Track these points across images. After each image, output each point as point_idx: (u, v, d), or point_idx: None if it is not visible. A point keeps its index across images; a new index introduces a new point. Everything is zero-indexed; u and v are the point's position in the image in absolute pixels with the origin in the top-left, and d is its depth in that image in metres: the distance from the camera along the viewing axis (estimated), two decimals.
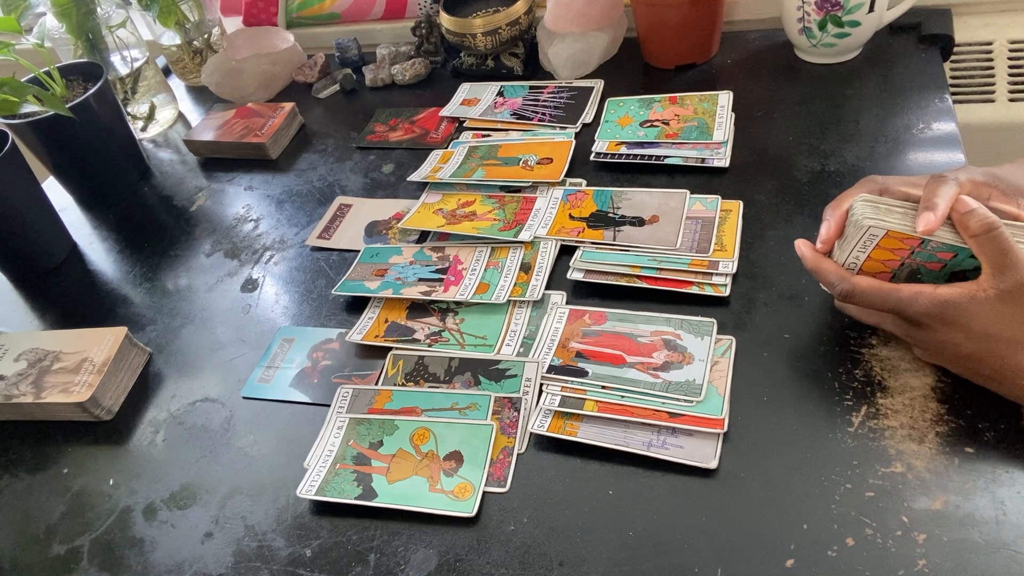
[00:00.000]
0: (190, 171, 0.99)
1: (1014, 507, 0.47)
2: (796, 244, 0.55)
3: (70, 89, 0.92)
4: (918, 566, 0.45)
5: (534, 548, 0.51)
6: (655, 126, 0.81)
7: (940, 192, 0.48)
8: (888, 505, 0.48)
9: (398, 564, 0.52)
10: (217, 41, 1.13)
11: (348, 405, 0.63)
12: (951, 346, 0.49)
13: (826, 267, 0.53)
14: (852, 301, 0.52)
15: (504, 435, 0.58)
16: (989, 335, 0.47)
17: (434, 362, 0.64)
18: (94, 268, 0.87)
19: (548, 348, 0.62)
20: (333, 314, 0.73)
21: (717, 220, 0.69)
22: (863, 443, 0.52)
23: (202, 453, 0.64)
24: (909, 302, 0.49)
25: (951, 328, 0.48)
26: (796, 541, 0.48)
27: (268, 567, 0.54)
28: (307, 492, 0.57)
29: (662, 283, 0.65)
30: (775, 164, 0.75)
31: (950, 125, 0.73)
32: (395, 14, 1.09)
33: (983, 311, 0.46)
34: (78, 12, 0.95)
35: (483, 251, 0.73)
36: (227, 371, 0.70)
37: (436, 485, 0.55)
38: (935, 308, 0.48)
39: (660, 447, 0.54)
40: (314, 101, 1.05)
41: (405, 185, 0.86)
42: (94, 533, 0.60)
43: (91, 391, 0.66)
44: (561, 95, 0.91)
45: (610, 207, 0.73)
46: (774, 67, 0.87)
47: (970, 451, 0.50)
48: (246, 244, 0.84)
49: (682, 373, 0.58)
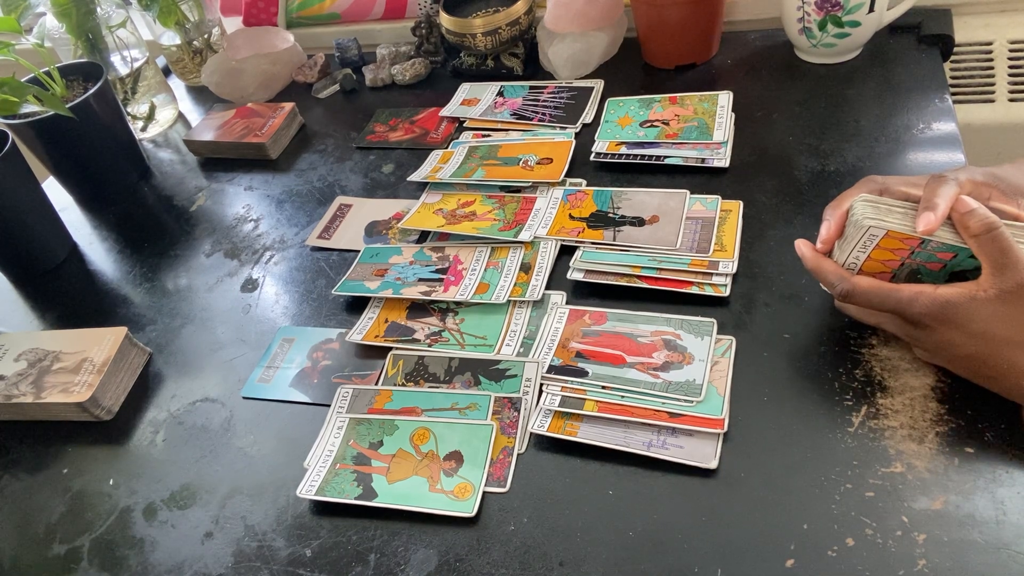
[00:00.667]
0: (190, 171, 0.99)
1: (1014, 507, 0.47)
2: (796, 244, 0.55)
3: (70, 89, 0.92)
4: (918, 566, 0.45)
5: (534, 548, 0.51)
6: (655, 126, 0.81)
7: (940, 192, 0.48)
8: (888, 505, 0.48)
9: (398, 564, 0.52)
10: (217, 41, 1.13)
11: (348, 405, 0.63)
12: (951, 346, 0.49)
13: (826, 267, 0.53)
14: (852, 301, 0.52)
15: (504, 435, 0.58)
16: (989, 335, 0.47)
17: (434, 362, 0.64)
18: (94, 268, 0.87)
19: (548, 348, 0.62)
20: (333, 314, 0.73)
21: (717, 220, 0.69)
22: (863, 443, 0.52)
23: (202, 453, 0.64)
24: (909, 302, 0.49)
25: (951, 328, 0.48)
26: (796, 541, 0.48)
27: (268, 567, 0.54)
28: (307, 492, 0.57)
29: (662, 283, 0.65)
30: (775, 164, 0.75)
31: (950, 125, 0.73)
32: (395, 14, 1.09)
33: (983, 311, 0.46)
34: (78, 12, 0.95)
35: (483, 251, 0.73)
36: (227, 371, 0.70)
37: (436, 485, 0.55)
38: (935, 308, 0.48)
39: (660, 447, 0.54)
40: (314, 101, 1.05)
41: (405, 185, 0.86)
42: (94, 533, 0.60)
43: (91, 391, 0.66)
44: (561, 95, 0.91)
45: (610, 207, 0.73)
46: (774, 67, 0.87)
47: (970, 451, 0.50)
48: (246, 244, 0.84)
49: (682, 373, 0.58)
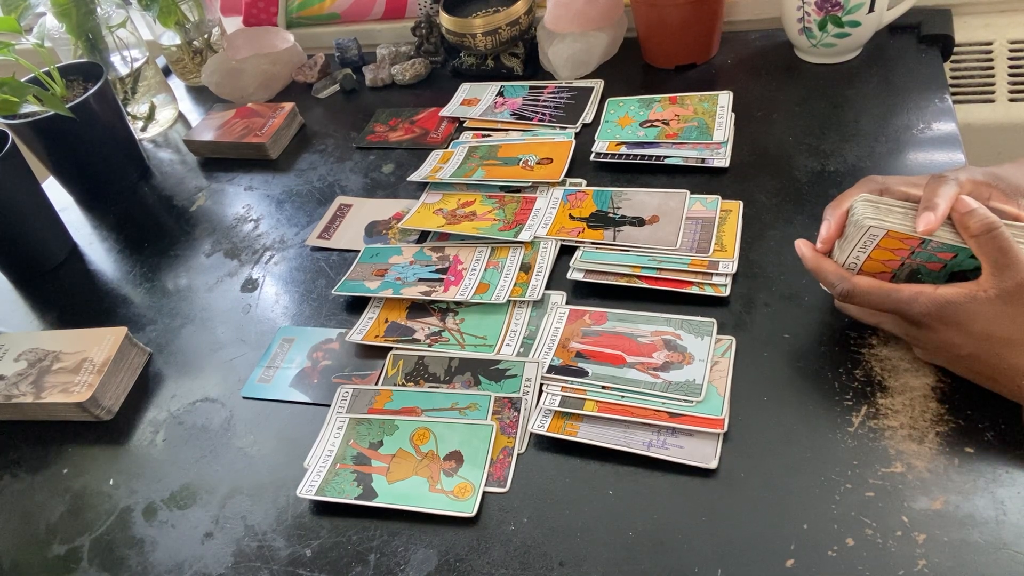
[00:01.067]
0: (190, 171, 0.99)
1: (1014, 507, 0.47)
2: (796, 244, 0.55)
3: (70, 89, 0.92)
4: (918, 566, 0.45)
5: (534, 548, 0.51)
6: (655, 126, 0.81)
7: (940, 192, 0.48)
8: (888, 505, 0.48)
9: (398, 564, 0.52)
10: (217, 41, 1.13)
11: (348, 405, 0.63)
12: (951, 346, 0.50)
13: (826, 267, 0.53)
14: (852, 301, 0.52)
15: (504, 435, 0.58)
16: (989, 335, 0.47)
17: (434, 362, 0.64)
18: (94, 268, 0.87)
19: (548, 348, 0.62)
20: (333, 314, 0.73)
21: (717, 220, 0.69)
22: (863, 443, 0.52)
23: (202, 453, 0.64)
24: (909, 302, 0.49)
25: (951, 328, 0.48)
26: (796, 541, 0.48)
27: (268, 567, 0.54)
28: (307, 492, 0.57)
29: (662, 283, 0.65)
30: (775, 164, 0.75)
31: (950, 125, 0.73)
32: (395, 14, 1.09)
33: (983, 311, 0.46)
34: (78, 12, 0.95)
35: (483, 251, 0.73)
36: (227, 371, 0.70)
37: (436, 485, 0.55)
38: (935, 308, 0.48)
39: (660, 447, 0.54)
40: (314, 101, 1.05)
41: (405, 185, 0.86)
42: (94, 533, 0.60)
43: (91, 391, 0.66)
44: (561, 95, 0.91)
45: (610, 207, 0.73)
46: (774, 67, 0.87)
47: (970, 451, 0.50)
48: (246, 244, 0.84)
49: (682, 373, 0.58)
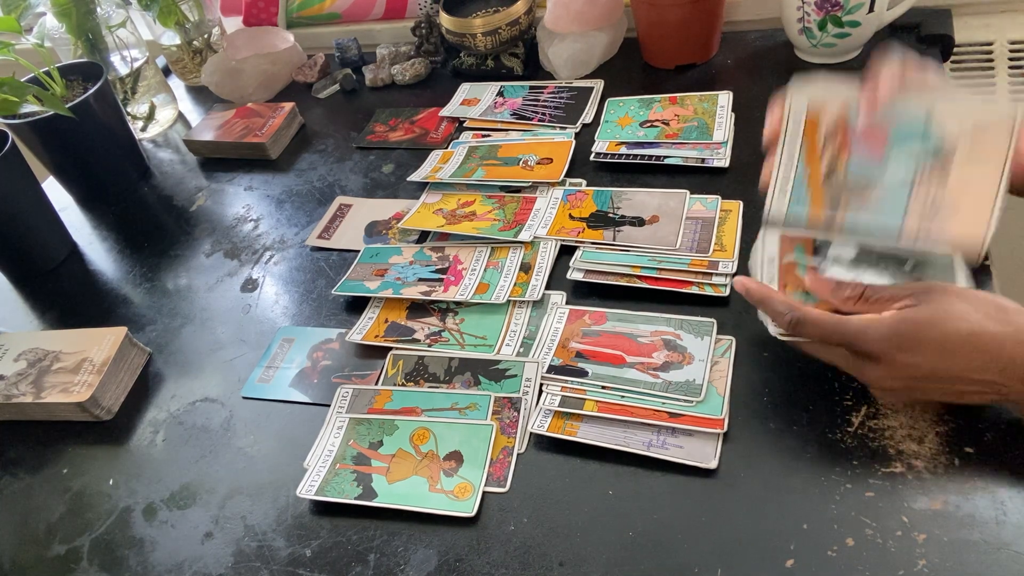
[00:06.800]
0: (190, 171, 0.98)
1: (1014, 507, 0.47)
2: (736, 281, 0.54)
3: (70, 89, 0.92)
4: (918, 566, 0.45)
5: (534, 548, 0.51)
6: (655, 126, 0.81)
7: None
8: (888, 505, 0.48)
9: (398, 564, 0.52)
10: (217, 41, 1.13)
11: (348, 405, 0.63)
12: (911, 368, 0.47)
13: (775, 297, 0.51)
14: (802, 332, 0.50)
15: (504, 435, 0.58)
16: (944, 338, 0.46)
17: (434, 362, 0.64)
18: (94, 268, 0.87)
19: (548, 348, 0.62)
20: (333, 314, 0.73)
21: (717, 220, 0.69)
22: (863, 443, 0.52)
23: (202, 453, 0.64)
24: (861, 332, 0.47)
25: (906, 352, 0.46)
26: (796, 541, 0.48)
27: (268, 567, 0.54)
28: (307, 492, 0.57)
29: (662, 283, 0.65)
30: None
31: None
32: (395, 14, 1.09)
33: (931, 317, 0.46)
34: (78, 12, 0.95)
35: (483, 251, 0.73)
36: (227, 371, 0.70)
37: (436, 485, 0.55)
38: (888, 332, 0.46)
39: (660, 447, 0.54)
40: (314, 101, 1.05)
41: (405, 185, 0.86)
42: (94, 533, 0.60)
43: (91, 391, 0.66)
44: (561, 95, 0.91)
45: (610, 207, 0.73)
46: (774, 67, 0.87)
47: (970, 451, 0.50)
48: (246, 244, 0.84)
49: (682, 373, 0.58)
